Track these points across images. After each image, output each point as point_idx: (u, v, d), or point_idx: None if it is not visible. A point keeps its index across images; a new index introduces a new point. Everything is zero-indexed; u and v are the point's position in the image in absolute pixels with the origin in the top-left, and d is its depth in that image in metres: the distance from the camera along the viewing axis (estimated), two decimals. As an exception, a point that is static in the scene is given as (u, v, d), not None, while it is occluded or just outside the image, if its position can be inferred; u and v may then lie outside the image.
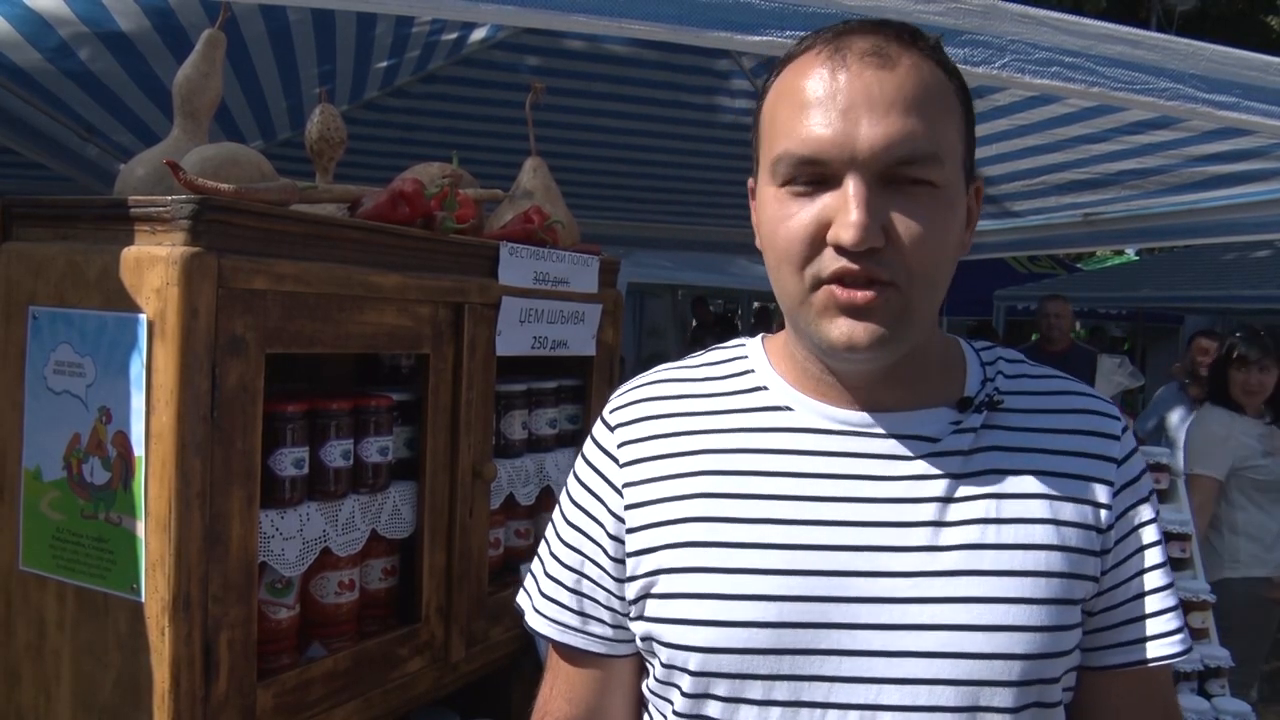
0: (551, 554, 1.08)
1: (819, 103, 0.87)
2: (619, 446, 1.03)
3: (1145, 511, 0.98)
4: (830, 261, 0.87)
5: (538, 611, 1.07)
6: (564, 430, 1.90)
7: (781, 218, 0.90)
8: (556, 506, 1.10)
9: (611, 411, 1.06)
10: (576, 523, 1.05)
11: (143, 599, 1.14)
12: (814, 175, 0.88)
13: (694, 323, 12.30)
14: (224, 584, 1.18)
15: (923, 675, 0.89)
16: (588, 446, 1.07)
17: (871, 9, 1.64)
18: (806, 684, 0.90)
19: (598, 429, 1.07)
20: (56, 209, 1.25)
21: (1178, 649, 0.97)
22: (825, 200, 0.87)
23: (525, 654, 1.75)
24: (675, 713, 0.96)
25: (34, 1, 2.36)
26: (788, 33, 1.61)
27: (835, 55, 0.88)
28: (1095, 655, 0.98)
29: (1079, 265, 12.36)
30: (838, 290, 0.87)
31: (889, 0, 1.65)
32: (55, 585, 1.22)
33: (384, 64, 3.28)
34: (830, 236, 0.86)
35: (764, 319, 14.29)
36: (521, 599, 1.11)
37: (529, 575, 1.11)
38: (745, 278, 10.40)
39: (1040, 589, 0.90)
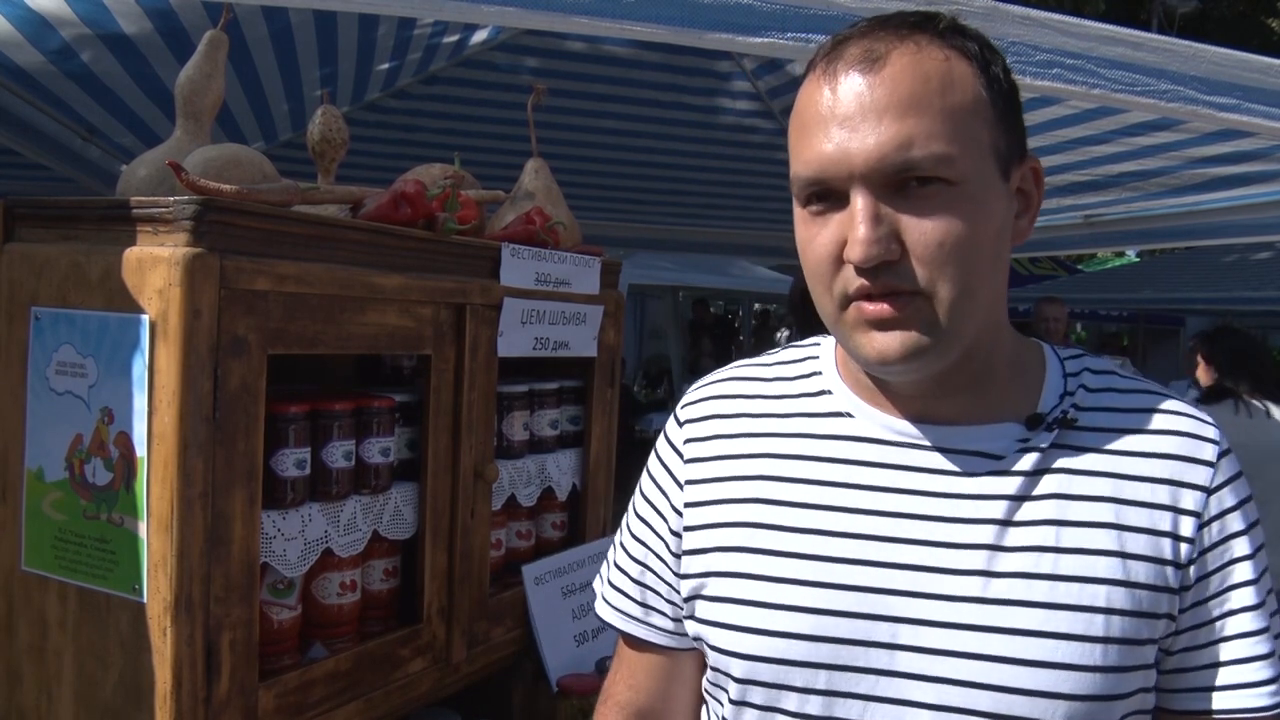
0: (620, 544, 1.10)
1: (817, 121, 0.86)
2: (685, 443, 1.03)
3: (1239, 547, 0.89)
4: (851, 279, 0.85)
5: (605, 600, 1.10)
6: (565, 431, 1.90)
7: (806, 240, 0.89)
8: (631, 498, 1.11)
9: (683, 407, 1.07)
10: (644, 515, 1.06)
11: (145, 599, 1.14)
12: (824, 194, 0.86)
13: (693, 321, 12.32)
14: (226, 584, 1.18)
15: (958, 704, 0.85)
16: (659, 441, 1.08)
17: (872, 10, 1.64)
18: (841, 700, 0.88)
19: (669, 424, 1.08)
20: (59, 210, 1.26)
21: (1265, 702, 0.87)
22: (840, 218, 0.85)
23: (526, 655, 1.75)
24: (724, 718, 0.96)
25: (35, 2, 2.36)
26: (789, 35, 1.62)
27: (828, 69, 0.86)
28: (1171, 697, 0.90)
29: (1080, 267, 12.36)
30: (865, 305, 0.85)
31: (891, 1, 1.65)
32: (57, 585, 1.22)
33: (386, 66, 3.28)
34: (845, 255, 0.84)
35: (764, 321, 14.28)
36: (596, 585, 1.14)
37: (604, 563, 1.13)
38: (746, 279, 10.40)
39: (1098, 626, 0.84)
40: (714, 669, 0.96)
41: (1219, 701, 0.88)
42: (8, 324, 1.26)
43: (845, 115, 0.83)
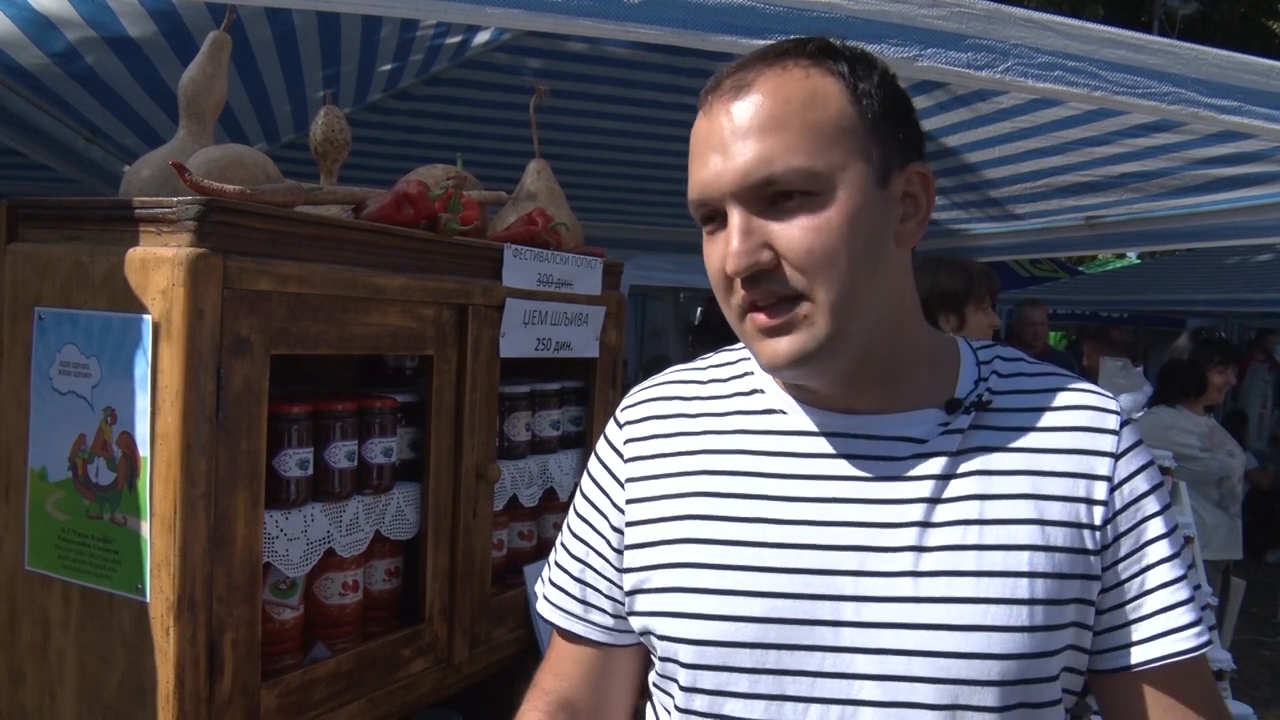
0: (562, 544, 1.13)
1: (699, 150, 0.94)
2: (625, 443, 1.08)
3: (1149, 505, 0.96)
4: (737, 291, 0.93)
5: (546, 599, 1.14)
6: (567, 432, 1.90)
7: (706, 257, 0.97)
8: (573, 500, 1.15)
9: (622, 410, 1.12)
10: (585, 515, 1.10)
11: (147, 599, 1.14)
12: (710, 215, 0.95)
13: (698, 321, 12.29)
14: (228, 584, 1.18)
15: (901, 673, 0.90)
16: (599, 443, 1.12)
17: (875, 13, 1.64)
18: (790, 678, 0.93)
19: (609, 426, 1.12)
20: (62, 210, 1.26)
21: (1192, 643, 0.94)
22: (725, 235, 0.93)
23: (528, 655, 1.75)
24: (676, 706, 0.99)
25: (39, 3, 2.37)
26: (792, 38, 1.62)
27: (708, 103, 0.95)
28: (1106, 658, 0.96)
29: (1081, 268, 12.34)
30: (756, 316, 0.92)
31: (893, 5, 1.65)
32: (60, 585, 1.22)
33: (388, 67, 3.28)
34: (724, 268, 0.92)
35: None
36: (538, 586, 1.17)
37: (545, 564, 1.17)
38: (747, 280, 10.36)
39: (1023, 589, 0.90)
40: (663, 659, 1.00)
41: (1153, 650, 0.94)
42: (11, 324, 1.26)
43: (719, 141, 0.92)
